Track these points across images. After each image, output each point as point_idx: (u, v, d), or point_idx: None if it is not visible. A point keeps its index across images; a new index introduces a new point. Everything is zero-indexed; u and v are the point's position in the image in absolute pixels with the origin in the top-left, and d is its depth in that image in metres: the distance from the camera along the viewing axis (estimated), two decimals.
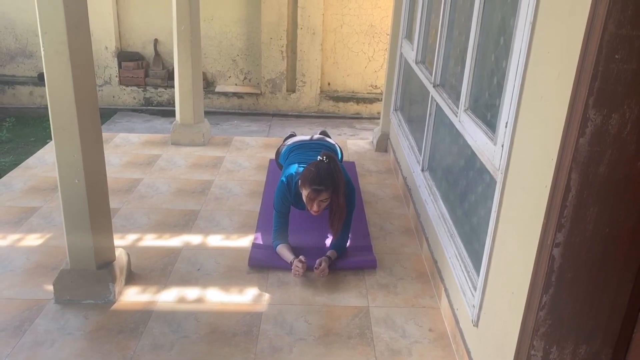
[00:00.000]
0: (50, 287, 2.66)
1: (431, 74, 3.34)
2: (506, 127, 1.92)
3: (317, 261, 2.90)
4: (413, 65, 3.96)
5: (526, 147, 1.77)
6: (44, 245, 3.14)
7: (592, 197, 1.45)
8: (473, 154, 2.41)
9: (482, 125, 2.31)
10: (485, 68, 2.38)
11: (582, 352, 1.62)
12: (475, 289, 2.23)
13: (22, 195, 3.75)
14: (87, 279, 2.62)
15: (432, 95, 3.30)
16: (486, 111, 2.33)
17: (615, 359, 1.62)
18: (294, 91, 7.22)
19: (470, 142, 2.42)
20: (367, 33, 7.09)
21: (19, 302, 2.63)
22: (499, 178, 1.98)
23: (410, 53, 4.11)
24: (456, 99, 2.76)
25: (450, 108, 2.82)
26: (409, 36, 4.33)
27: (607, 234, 1.49)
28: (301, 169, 3.10)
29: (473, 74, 2.51)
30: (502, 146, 1.95)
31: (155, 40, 7.07)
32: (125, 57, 7.05)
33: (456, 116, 2.67)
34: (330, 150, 3.45)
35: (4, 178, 4.04)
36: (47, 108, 2.36)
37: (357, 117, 7.23)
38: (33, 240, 3.18)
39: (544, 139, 1.61)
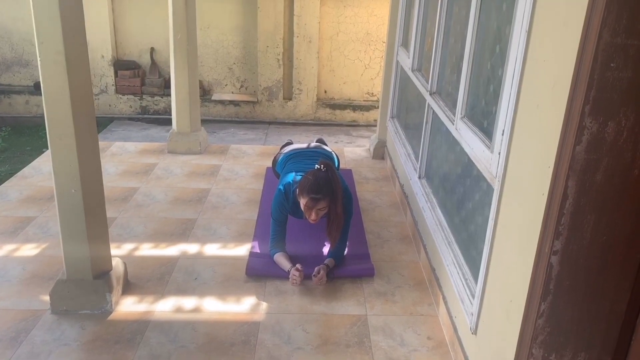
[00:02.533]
0: (47, 298, 2.64)
1: (427, 82, 3.35)
2: (503, 134, 1.92)
3: (316, 269, 2.89)
4: (409, 72, 3.97)
5: (523, 154, 1.77)
6: (40, 255, 3.12)
7: (589, 204, 1.45)
8: (470, 161, 2.41)
9: (478, 132, 2.31)
10: (482, 76, 2.39)
11: None
12: (473, 297, 2.23)
13: (18, 205, 3.74)
14: (84, 289, 2.60)
15: (428, 103, 3.31)
16: (483, 119, 2.34)
17: None
18: (290, 99, 7.24)
19: (467, 149, 2.43)
20: (363, 41, 7.12)
21: (15, 312, 2.62)
22: (496, 186, 1.99)
23: (406, 61, 4.13)
24: (453, 106, 2.77)
25: (446, 115, 2.83)
26: (405, 44, 4.35)
27: (605, 242, 1.49)
28: (298, 177, 3.10)
29: (469, 82, 2.52)
30: (499, 154, 1.96)
31: (152, 49, 7.09)
32: (121, 65, 7.06)
33: (453, 124, 2.68)
34: (327, 158, 3.45)
35: (0, 187, 4.03)
36: (43, 117, 2.36)
37: (354, 125, 7.25)
38: (29, 250, 3.17)
39: (540, 146, 1.61)
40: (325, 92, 7.37)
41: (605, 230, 1.48)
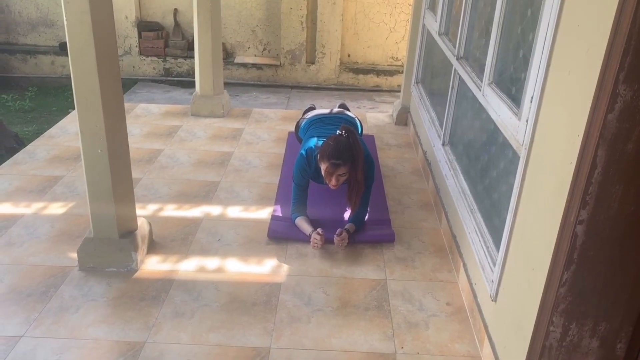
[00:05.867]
0: (74, 255, 2.72)
1: (455, 46, 3.28)
2: (531, 101, 1.88)
3: (338, 230, 2.92)
4: (436, 36, 3.88)
5: (552, 122, 1.74)
6: (68, 213, 3.20)
7: (618, 174, 1.42)
8: (496, 128, 2.38)
9: (506, 99, 2.27)
10: (511, 41, 2.33)
11: (602, 330, 1.62)
12: (494, 265, 2.23)
13: (45, 164, 3.81)
14: (110, 247, 2.67)
15: (455, 68, 3.24)
16: (511, 85, 2.29)
17: (635, 337, 1.62)
18: (313, 63, 7.15)
19: (493, 116, 2.39)
20: (388, 3, 6.96)
21: (44, 268, 2.70)
22: (522, 154, 1.96)
23: (433, 24, 4.03)
24: (480, 72, 2.71)
25: (473, 81, 2.77)
26: (432, 7, 4.24)
27: (632, 213, 1.47)
28: (320, 142, 3.10)
29: (498, 47, 2.46)
30: (527, 121, 1.92)
31: (175, 10, 7.03)
32: (145, 27, 7.03)
33: (480, 90, 2.63)
34: (350, 124, 3.43)
35: (28, 147, 4.10)
36: (68, 77, 2.38)
37: (377, 90, 7.16)
38: (57, 208, 3.25)
39: (570, 114, 1.58)
40: (349, 56, 7.26)
41: (633, 201, 1.45)
